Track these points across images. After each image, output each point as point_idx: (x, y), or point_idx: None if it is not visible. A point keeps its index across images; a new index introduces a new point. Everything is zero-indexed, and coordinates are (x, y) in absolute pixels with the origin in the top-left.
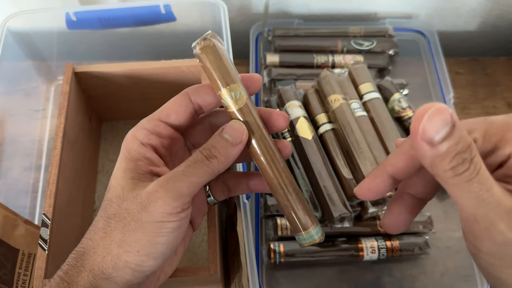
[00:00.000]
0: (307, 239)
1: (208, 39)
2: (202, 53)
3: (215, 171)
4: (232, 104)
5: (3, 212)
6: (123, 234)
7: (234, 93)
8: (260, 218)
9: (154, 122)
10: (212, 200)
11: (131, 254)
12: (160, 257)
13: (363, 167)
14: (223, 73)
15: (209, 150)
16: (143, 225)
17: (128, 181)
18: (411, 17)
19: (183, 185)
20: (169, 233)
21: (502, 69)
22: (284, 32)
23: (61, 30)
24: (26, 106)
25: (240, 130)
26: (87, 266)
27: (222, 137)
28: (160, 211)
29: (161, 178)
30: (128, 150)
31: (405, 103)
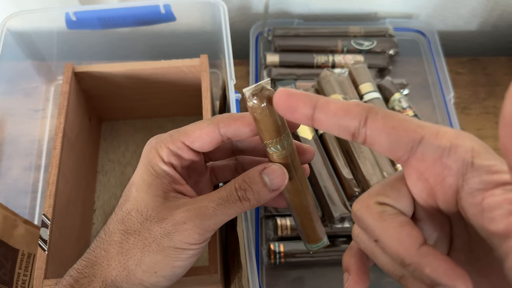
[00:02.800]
0: (319, 245)
1: (267, 90)
2: (261, 104)
3: (244, 210)
4: (280, 151)
5: (3, 212)
6: (142, 253)
7: (283, 143)
8: (260, 218)
9: (178, 144)
10: None
11: (147, 274)
12: (175, 279)
13: (363, 167)
14: (278, 124)
15: (244, 192)
16: (164, 249)
17: (152, 198)
18: (411, 17)
19: (211, 223)
20: (188, 258)
21: (502, 69)
22: (284, 32)
23: (61, 30)
24: (26, 106)
25: (283, 177)
26: (100, 277)
27: (261, 179)
28: (184, 241)
29: (191, 209)
30: (152, 165)
31: (405, 103)
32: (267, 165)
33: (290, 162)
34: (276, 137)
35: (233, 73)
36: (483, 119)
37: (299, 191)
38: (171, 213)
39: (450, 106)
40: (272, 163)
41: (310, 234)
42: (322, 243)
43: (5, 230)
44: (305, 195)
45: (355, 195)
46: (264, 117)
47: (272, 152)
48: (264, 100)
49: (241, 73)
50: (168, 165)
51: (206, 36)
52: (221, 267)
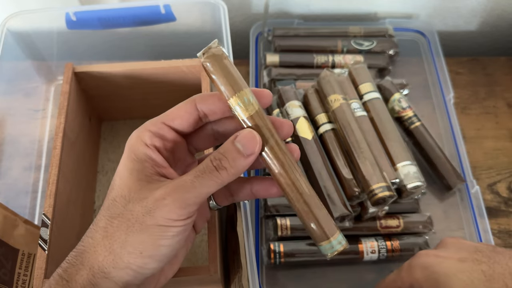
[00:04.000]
0: (334, 247)
1: (214, 48)
2: (209, 62)
3: (224, 181)
4: (243, 111)
5: (3, 212)
6: (126, 234)
7: (244, 100)
8: (260, 218)
9: (158, 125)
10: (215, 205)
11: (133, 255)
12: (163, 259)
13: (363, 167)
14: (231, 81)
15: (219, 161)
16: (147, 228)
17: (135, 182)
18: (411, 17)
19: (191, 196)
20: (174, 236)
21: (502, 69)
22: (284, 32)
23: (61, 30)
24: (26, 106)
25: (254, 140)
26: (87, 264)
27: (234, 146)
28: (165, 217)
29: (170, 185)
30: (134, 151)
31: (405, 103)
32: (238, 133)
33: (261, 125)
34: (234, 93)
35: None
36: (483, 119)
37: (282, 163)
38: (151, 192)
39: (450, 106)
40: (242, 129)
41: (314, 229)
42: (337, 240)
43: (5, 230)
44: (291, 169)
45: (355, 195)
46: (216, 74)
47: (238, 113)
48: (212, 57)
49: (241, 73)
50: (151, 147)
51: (206, 36)
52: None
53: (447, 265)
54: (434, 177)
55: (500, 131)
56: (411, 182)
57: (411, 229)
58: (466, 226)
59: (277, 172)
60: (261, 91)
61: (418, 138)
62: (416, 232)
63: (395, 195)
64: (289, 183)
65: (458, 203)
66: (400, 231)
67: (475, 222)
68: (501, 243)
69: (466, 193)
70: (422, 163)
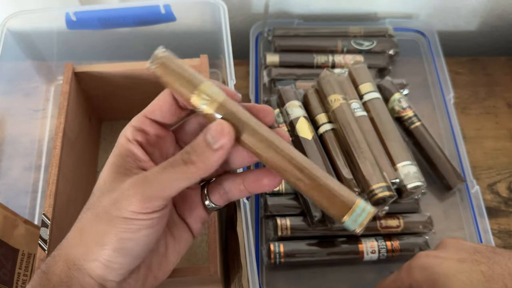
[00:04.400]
0: (360, 216)
1: (161, 53)
2: (158, 68)
3: (194, 176)
4: (208, 106)
5: (3, 212)
6: (94, 225)
7: (205, 94)
8: (260, 218)
9: (141, 119)
10: (212, 205)
11: (99, 247)
12: (129, 254)
13: (363, 167)
14: (186, 80)
15: (187, 154)
16: (112, 219)
17: (111, 175)
18: (411, 17)
19: (155, 189)
20: (138, 230)
21: (502, 69)
22: (284, 32)
23: (61, 30)
24: (26, 106)
25: (222, 132)
26: (62, 256)
27: (204, 140)
28: (128, 209)
29: (136, 177)
30: (118, 147)
31: (405, 103)
32: (210, 124)
33: (233, 112)
34: (193, 91)
35: (233, 73)
36: (483, 119)
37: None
38: (120, 184)
39: (450, 106)
40: (213, 122)
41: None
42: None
43: (5, 230)
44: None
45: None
46: (168, 77)
47: (205, 110)
48: (160, 63)
49: (241, 73)
50: (133, 142)
51: (206, 36)
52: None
53: (446, 266)
54: (434, 177)
55: (500, 131)
56: (411, 182)
57: (411, 229)
58: (466, 226)
59: (267, 157)
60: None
61: (418, 138)
62: (416, 232)
63: (395, 195)
64: (283, 163)
65: (458, 203)
66: (400, 231)
67: (475, 222)
68: (501, 243)
69: (466, 193)
70: (422, 163)
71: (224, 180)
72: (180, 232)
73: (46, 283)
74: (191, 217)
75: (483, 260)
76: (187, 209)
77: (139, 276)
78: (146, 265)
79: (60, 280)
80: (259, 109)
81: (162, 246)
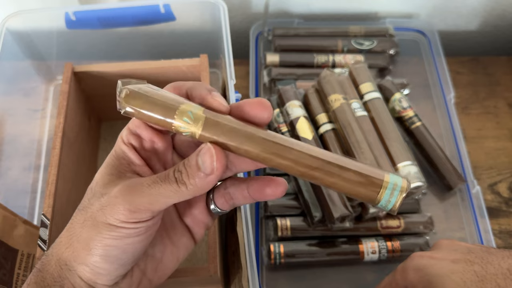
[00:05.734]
0: (395, 192)
1: (124, 87)
2: (129, 104)
3: (185, 196)
4: (194, 128)
5: (2, 212)
6: (82, 229)
7: (186, 118)
8: (260, 218)
9: (135, 122)
10: (217, 210)
11: (85, 251)
12: (115, 261)
13: None
14: (163, 104)
15: (180, 174)
16: (97, 224)
17: (104, 176)
18: (411, 17)
19: (143, 201)
20: (123, 238)
21: (502, 68)
22: (284, 31)
23: (61, 30)
24: (25, 106)
25: (211, 158)
26: (55, 255)
27: (196, 161)
28: (114, 216)
29: (126, 184)
30: (115, 149)
31: (405, 103)
32: (202, 145)
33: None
34: (172, 116)
35: (233, 72)
36: (483, 119)
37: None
38: (111, 188)
39: (451, 106)
40: (206, 143)
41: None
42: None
43: (5, 230)
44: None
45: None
46: (144, 109)
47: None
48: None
49: (241, 73)
50: (127, 145)
51: (206, 35)
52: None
53: (440, 266)
54: (434, 177)
55: (501, 131)
56: (412, 182)
57: (412, 230)
58: (467, 226)
59: (274, 163)
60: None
61: (419, 138)
62: (417, 232)
63: None
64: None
65: (459, 203)
66: (401, 232)
67: (475, 222)
68: (501, 243)
69: (467, 193)
70: (423, 163)
71: (230, 185)
72: (179, 237)
73: (40, 281)
74: (194, 222)
75: (477, 260)
76: (191, 214)
77: (133, 281)
78: (140, 270)
79: (54, 280)
80: (254, 105)
81: (158, 252)
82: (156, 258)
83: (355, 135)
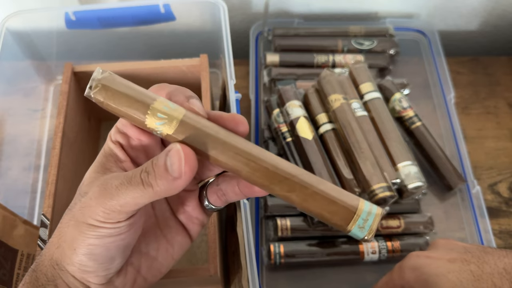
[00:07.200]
0: (368, 219)
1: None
2: (101, 92)
3: (154, 197)
4: (166, 127)
5: (2, 212)
6: (67, 228)
7: (160, 114)
8: (260, 218)
9: (123, 121)
10: (211, 207)
11: (70, 251)
12: (100, 259)
13: (364, 167)
14: (137, 100)
15: (147, 174)
16: (79, 224)
17: (92, 175)
18: (412, 17)
19: (114, 203)
20: (104, 237)
21: (503, 68)
22: (284, 31)
23: (60, 30)
24: (25, 106)
25: (180, 162)
26: (48, 255)
27: (164, 164)
28: (92, 217)
29: (100, 184)
30: (104, 146)
31: (406, 103)
32: (171, 145)
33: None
34: (146, 111)
35: (233, 72)
36: (483, 119)
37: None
38: (90, 188)
39: (451, 106)
40: (175, 143)
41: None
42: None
43: (5, 230)
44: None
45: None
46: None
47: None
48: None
49: (241, 73)
50: (114, 143)
51: (206, 35)
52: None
53: (436, 266)
54: (435, 177)
55: (501, 131)
56: (412, 182)
57: (412, 230)
58: (467, 227)
59: (246, 174)
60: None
61: (419, 138)
62: (417, 232)
63: (395, 195)
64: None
65: (459, 203)
66: (401, 232)
67: (476, 222)
68: (502, 243)
69: (467, 193)
70: (423, 163)
71: (221, 181)
72: (173, 235)
73: (34, 281)
74: (188, 219)
75: (473, 260)
76: (184, 211)
77: (127, 279)
78: (134, 268)
79: (47, 279)
80: (228, 119)
81: (152, 250)
82: (150, 256)
83: (355, 135)
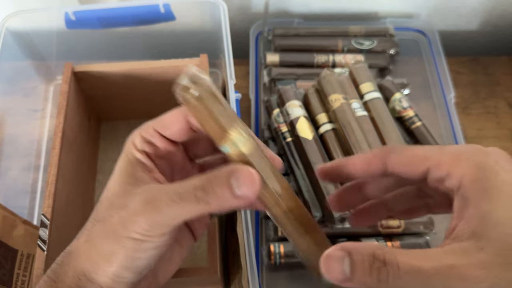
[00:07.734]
0: None
1: (202, 79)
2: (191, 101)
3: (207, 212)
4: (242, 148)
5: (2, 212)
6: (103, 242)
7: (238, 137)
8: (260, 218)
9: (150, 131)
10: None
11: (108, 264)
12: (140, 271)
13: None
14: (223, 119)
15: (204, 193)
16: (121, 239)
17: (121, 186)
18: (412, 17)
19: (162, 218)
20: (150, 250)
21: (503, 68)
22: (284, 31)
23: (60, 30)
24: (25, 106)
25: (252, 184)
26: (72, 266)
27: (227, 183)
28: (137, 231)
29: (145, 198)
30: (127, 153)
31: (406, 103)
32: (238, 166)
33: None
34: (227, 133)
35: (233, 72)
36: (484, 119)
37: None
38: (130, 201)
39: (451, 106)
40: (242, 165)
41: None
42: None
43: (4, 230)
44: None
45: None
46: (204, 114)
47: (232, 154)
48: (195, 98)
49: (241, 73)
50: (141, 152)
51: (206, 35)
52: (221, 267)
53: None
54: None
55: (501, 131)
56: None
57: (412, 230)
58: None
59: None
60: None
61: (419, 138)
62: (417, 232)
63: None
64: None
65: None
66: (401, 232)
67: None
68: None
69: None
70: None
71: None
72: (183, 236)
73: None
74: (197, 221)
75: None
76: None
77: (146, 283)
78: (153, 272)
79: None
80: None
81: (168, 253)
82: (166, 259)
83: (355, 135)
